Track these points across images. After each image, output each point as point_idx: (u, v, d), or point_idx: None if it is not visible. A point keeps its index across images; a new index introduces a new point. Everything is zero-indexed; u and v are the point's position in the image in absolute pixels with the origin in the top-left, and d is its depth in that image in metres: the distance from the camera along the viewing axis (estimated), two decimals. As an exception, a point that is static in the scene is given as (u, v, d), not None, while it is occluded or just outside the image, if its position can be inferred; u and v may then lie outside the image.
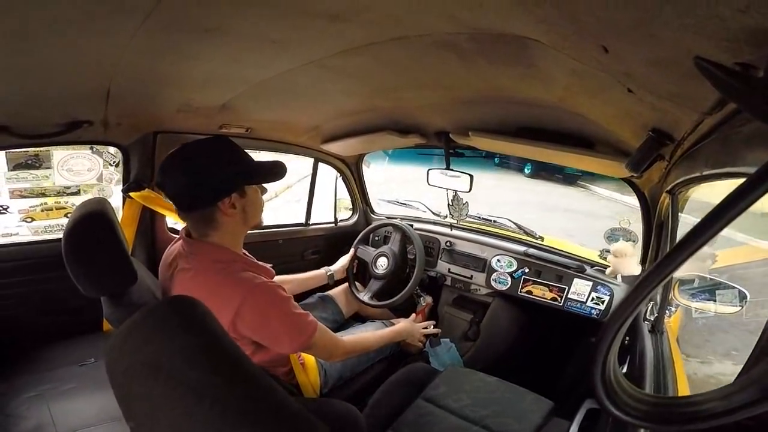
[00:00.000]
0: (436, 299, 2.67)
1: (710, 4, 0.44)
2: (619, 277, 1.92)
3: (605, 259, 1.98)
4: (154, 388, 0.56)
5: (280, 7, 0.81)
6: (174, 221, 1.97)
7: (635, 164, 1.19)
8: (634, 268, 1.87)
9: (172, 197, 1.25)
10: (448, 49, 1.01)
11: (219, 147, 1.25)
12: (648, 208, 1.69)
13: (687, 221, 1.43)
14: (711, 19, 0.46)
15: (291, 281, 1.98)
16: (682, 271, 1.55)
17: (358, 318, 2.29)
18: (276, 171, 1.34)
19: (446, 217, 2.58)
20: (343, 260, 2.28)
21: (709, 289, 1.54)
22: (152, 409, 0.56)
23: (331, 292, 2.20)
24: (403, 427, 1.49)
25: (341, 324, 2.12)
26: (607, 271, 1.95)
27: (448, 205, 2.54)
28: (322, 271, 2.15)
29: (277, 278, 1.90)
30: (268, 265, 1.42)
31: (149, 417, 0.56)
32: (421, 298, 2.39)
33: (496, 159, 10.91)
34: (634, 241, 1.92)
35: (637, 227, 1.88)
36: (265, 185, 1.37)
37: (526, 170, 11.07)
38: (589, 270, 2.02)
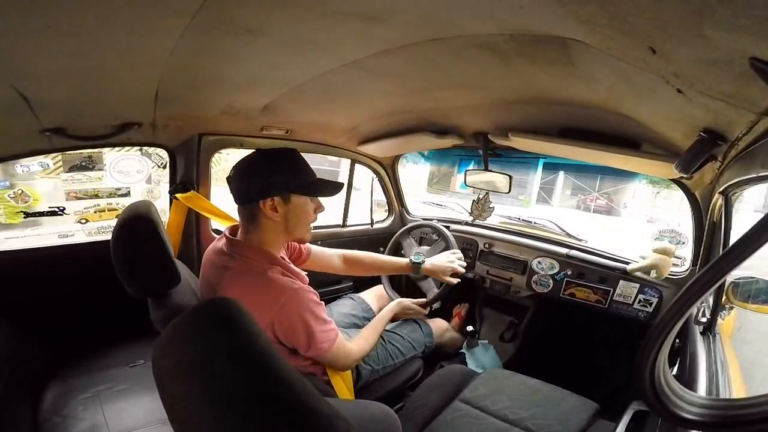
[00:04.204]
0: (473, 301, 2.66)
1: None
2: (653, 273, 1.87)
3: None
4: (197, 388, 0.58)
5: (318, 8, 0.82)
6: (218, 223, 2.02)
7: (685, 165, 1.15)
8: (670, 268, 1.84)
9: (232, 190, 1.35)
10: (486, 49, 1.01)
11: (280, 155, 1.34)
12: (699, 210, 1.62)
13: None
14: (769, 21, 0.44)
15: (369, 260, 2.01)
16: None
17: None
18: (326, 188, 1.41)
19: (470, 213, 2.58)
20: (444, 258, 2.01)
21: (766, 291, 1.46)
22: (195, 409, 0.57)
23: (361, 294, 2.20)
24: (439, 429, 1.48)
25: None
26: (642, 264, 1.89)
27: (473, 201, 2.50)
28: (404, 261, 2.04)
29: (352, 252, 1.97)
30: (303, 273, 1.45)
31: (192, 417, 0.57)
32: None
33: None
34: (682, 243, 1.85)
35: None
36: (323, 204, 1.44)
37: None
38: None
